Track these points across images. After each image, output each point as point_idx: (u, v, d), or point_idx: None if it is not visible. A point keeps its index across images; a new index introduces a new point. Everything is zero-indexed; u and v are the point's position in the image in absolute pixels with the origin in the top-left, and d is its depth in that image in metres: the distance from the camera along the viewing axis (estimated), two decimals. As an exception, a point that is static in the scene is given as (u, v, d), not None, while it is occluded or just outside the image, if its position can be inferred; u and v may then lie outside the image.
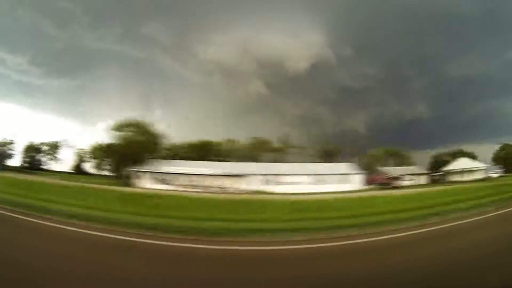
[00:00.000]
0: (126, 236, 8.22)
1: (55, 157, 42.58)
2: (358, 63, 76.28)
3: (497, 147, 42.37)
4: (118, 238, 8.04)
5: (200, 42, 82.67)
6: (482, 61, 72.58)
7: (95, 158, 40.19)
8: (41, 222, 9.81)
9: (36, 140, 42.47)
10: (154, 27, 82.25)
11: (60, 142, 42.55)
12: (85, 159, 43.11)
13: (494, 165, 40.84)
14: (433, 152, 46.12)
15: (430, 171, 40.82)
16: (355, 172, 34.76)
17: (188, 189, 27.85)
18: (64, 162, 42.81)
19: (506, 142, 42.41)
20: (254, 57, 77.85)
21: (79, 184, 23.74)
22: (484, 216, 11.55)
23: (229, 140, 42.41)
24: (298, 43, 77.63)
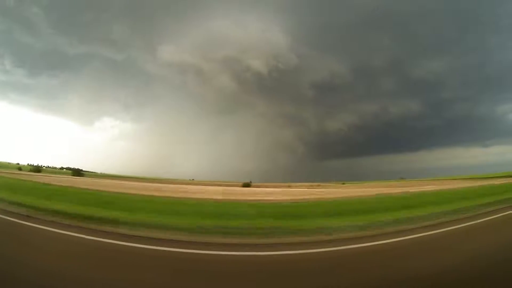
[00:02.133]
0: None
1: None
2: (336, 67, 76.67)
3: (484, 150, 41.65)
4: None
5: (170, 42, 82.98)
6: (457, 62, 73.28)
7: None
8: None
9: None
10: (126, 30, 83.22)
11: None
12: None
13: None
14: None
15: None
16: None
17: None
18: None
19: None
20: (229, 55, 77.91)
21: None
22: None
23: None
24: (268, 42, 78.02)
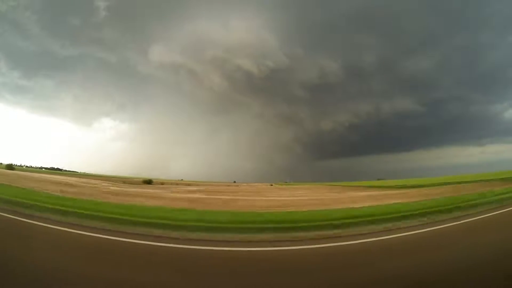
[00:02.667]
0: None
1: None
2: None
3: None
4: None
5: (162, 42, 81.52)
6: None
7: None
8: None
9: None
10: (119, 31, 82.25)
11: None
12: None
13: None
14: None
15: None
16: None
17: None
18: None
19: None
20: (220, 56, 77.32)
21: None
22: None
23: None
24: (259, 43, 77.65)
